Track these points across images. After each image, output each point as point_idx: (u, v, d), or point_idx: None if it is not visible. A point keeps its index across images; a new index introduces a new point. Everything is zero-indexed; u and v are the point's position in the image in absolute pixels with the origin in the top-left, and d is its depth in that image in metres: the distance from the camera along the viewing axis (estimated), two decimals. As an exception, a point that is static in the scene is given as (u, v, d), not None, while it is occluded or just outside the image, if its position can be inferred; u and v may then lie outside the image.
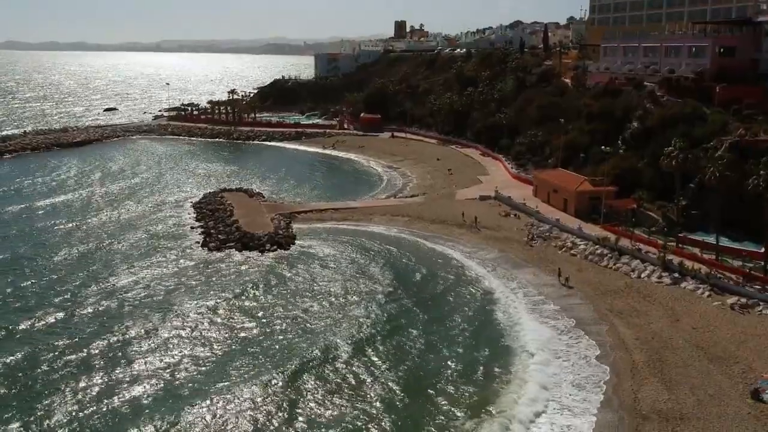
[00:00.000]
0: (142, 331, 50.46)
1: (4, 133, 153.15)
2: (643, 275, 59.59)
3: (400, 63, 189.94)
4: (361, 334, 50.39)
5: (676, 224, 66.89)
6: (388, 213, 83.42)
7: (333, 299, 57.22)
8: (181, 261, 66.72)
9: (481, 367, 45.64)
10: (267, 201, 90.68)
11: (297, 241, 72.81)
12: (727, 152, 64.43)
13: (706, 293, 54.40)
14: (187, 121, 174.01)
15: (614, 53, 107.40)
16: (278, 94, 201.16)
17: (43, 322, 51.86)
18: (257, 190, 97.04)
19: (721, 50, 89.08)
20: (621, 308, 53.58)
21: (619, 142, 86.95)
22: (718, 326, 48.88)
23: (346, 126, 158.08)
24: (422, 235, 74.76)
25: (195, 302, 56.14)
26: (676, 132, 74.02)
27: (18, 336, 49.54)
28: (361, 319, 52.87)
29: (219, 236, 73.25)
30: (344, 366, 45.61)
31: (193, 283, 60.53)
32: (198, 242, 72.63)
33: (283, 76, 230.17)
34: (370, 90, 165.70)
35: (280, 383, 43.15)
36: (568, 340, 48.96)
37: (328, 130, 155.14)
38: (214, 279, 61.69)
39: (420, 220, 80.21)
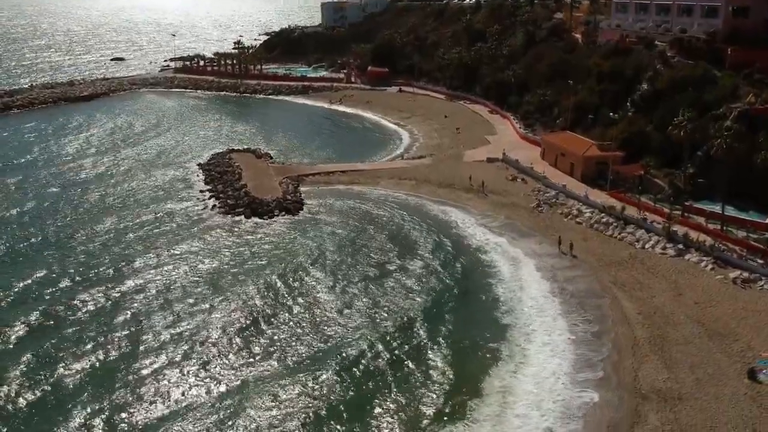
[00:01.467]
0: (165, 308, 51.98)
1: (13, 87, 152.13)
2: (647, 246, 60.15)
3: (408, 13, 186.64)
4: (372, 309, 51.71)
5: (683, 192, 67.16)
6: (396, 176, 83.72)
7: (340, 272, 58.17)
8: (193, 229, 67.62)
9: (482, 344, 46.68)
10: (275, 162, 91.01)
11: (305, 207, 73.56)
12: (736, 122, 64.04)
13: (709, 266, 55.00)
14: (193, 74, 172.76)
15: (626, 10, 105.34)
16: (285, 45, 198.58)
17: (85, 300, 52.91)
18: (265, 150, 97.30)
19: (734, 10, 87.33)
20: (624, 280, 54.35)
21: (628, 104, 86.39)
22: (719, 301, 49.69)
23: (353, 79, 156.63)
24: (430, 201, 75.35)
25: (214, 275, 57.37)
26: (686, 97, 73.66)
27: (66, 315, 50.69)
28: (372, 295, 54.12)
29: (228, 201, 74.00)
30: (367, 342, 46.93)
31: (211, 262, 60.63)
32: (207, 207, 73.49)
33: (289, 26, 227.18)
34: (378, 42, 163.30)
35: (306, 363, 44.59)
36: (571, 315, 49.88)
37: (335, 84, 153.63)
38: (226, 250, 62.51)
39: (427, 183, 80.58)
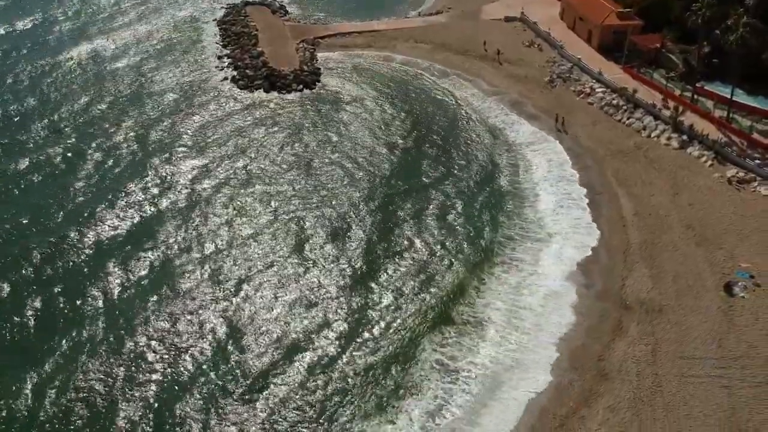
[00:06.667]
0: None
1: None
2: (653, 134, 62.08)
3: None
4: (386, 186, 55.71)
5: (696, 71, 67.62)
6: (412, 38, 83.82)
7: (359, 149, 61.93)
8: (219, 103, 70.80)
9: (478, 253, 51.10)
10: (290, 20, 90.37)
11: (322, 78, 75.13)
12: (756, 10, 62.76)
13: (709, 162, 57.35)
14: None
15: None
16: None
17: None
18: (279, 2, 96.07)
19: None
20: (626, 176, 57.04)
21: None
22: (712, 204, 52.42)
23: None
24: (443, 70, 76.78)
25: (237, 155, 61.50)
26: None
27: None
28: (386, 173, 57.89)
29: (247, 72, 75.29)
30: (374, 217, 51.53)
31: (240, 138, 64.27)
32: (228, 78, 75.16)
33: None
34: None
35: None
36: (571, 215, 53.39)
37: None
38: (248, 128, 65.92)
39: (443, 48, 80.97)
